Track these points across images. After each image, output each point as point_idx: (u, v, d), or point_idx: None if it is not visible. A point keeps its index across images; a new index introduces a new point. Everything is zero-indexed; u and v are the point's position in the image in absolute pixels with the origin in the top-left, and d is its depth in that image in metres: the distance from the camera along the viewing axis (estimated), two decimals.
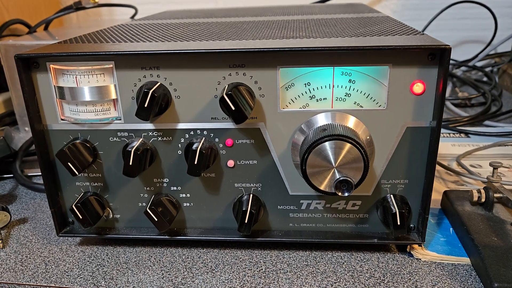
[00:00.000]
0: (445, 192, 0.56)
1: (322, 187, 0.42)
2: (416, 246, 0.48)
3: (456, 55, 1.20)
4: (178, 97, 0.45)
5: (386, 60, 0.42)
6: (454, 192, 0.55)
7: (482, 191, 0.51)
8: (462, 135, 0.80)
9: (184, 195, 0.49)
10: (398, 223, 0.44)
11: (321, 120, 0.44)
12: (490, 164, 0.53)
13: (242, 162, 0.47)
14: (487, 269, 0.42)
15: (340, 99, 0.44)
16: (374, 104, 0.44)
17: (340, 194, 0.41)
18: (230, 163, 0.47)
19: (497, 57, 1.18)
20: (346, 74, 0.43)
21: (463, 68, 1.13)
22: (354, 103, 0.44)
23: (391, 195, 0.46)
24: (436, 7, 1.15)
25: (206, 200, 0.49)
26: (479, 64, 1.16)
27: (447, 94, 0.98)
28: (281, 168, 0.47)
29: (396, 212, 0.44)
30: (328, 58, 0.42)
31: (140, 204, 0.50)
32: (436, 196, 0.58)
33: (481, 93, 0.95)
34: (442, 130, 0.81)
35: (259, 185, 0.48)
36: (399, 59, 0.41)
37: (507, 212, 0.50)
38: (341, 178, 0.40)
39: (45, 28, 1.06)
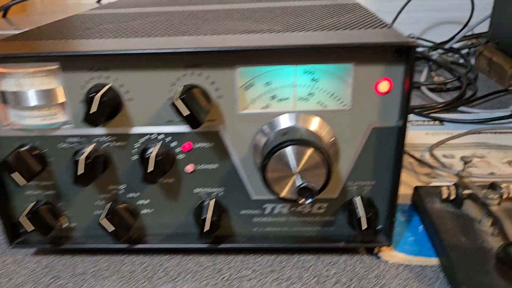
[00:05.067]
0: (415, 188, 0.54)
1: (283, 194, 0.39)
2: (384, 247, 0.47)
3: (433, 36, 1.18)
4: (131, 99, 0.42)
5: (350, 58, 0.39)
6: (424, 188, 0.54)
7: (452, 187, 0.50)
8: (437, 122, 0.78)
9: (142, 202, 0.46)
10: (364, 227, 0.43)
11: (284, 121, 0.42)
12: (461, 159, 0.51)
13: (202, 166, 0.44)
14: (455, 272, 0.41)
15: (303, 98, 0.41)
16: (338, 104, 0.41)
17: (301, 201, 0.39)
18: (189, 167, 0.44)
19: (474, 39, 1.16)
20: (308, 72, 0.41)
21: (440, 50, 1.11)
22: (318, 103, 0.41)
23: (358, 197, 0.44)
24: None
25: (166, 206, 0.47)
26: (456, 45, 1.14)
27: (422, 79, 0.96)
28: (242, 172, 0.44)
29: (361, 217, 0.42)
30: (289, 57, 0.40)
31: (95, 212, 0.47)
32: (407, 191, 0.56)
33: (457, 77, 0.94)
34: (416, 118, 0.80)
35: (221, 189, 0.45)
36: (363, 57, 0.39)
37: (477, 209, 0.49)
38: (303, 185, 0.38)
39: (4, 15, 1.00)
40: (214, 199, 0.45)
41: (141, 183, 0.43)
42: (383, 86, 0.40)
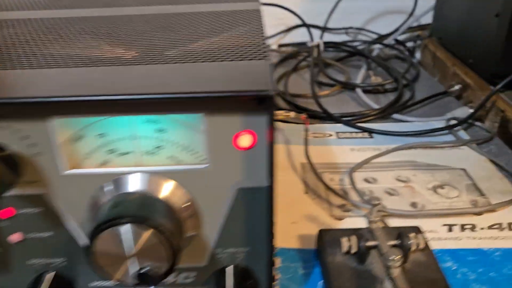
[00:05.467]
0: (320, 232, 0.47)
1: (118, 277, 0.31)
2: None
3: (377, 27, 1.09)
4: None
5: (199, 108, 0.30)
6: (329, 232, 0.46)
7: (353, 239, 0.42)
8: (366, 134, 0.71)
9: None
10: None
11: (124, 182, 0.33)
12: (368, 202, 0.44)
13: (33, 235, 0.35)
14: None
15: (150, 152, 0.32)
16: (194, 158, 0.32)
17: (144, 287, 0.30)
18: (16, 237, 0.35)
19: (420, 30, 1.08)
20: (152, 121, 0.32)
21: (380, 45, 1.02)
22: (169, 158, 0.33)
23: (230, 267, 0.36)
24: None
25: None
26: (401, 38, 1.06)
27: (358, 80, 0.88)
28: (84, 240, 0.35)
29: None
30: (123, 106, 0.30)
31: None
32: (315, 231, 0.49)
33: (394, 79, 0.86)
34: (344, 129, 0.72)
35: (62, 259, 0.36)
36: (216, 106, 0.30)
37: (382, 263, 0.42)
38: (141, 272, 0.30)
39: None
40: (53, 272, 0.36)
41: None
42: (244, 140, 0.31)
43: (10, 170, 0.30)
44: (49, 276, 0.36)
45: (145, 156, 0.33)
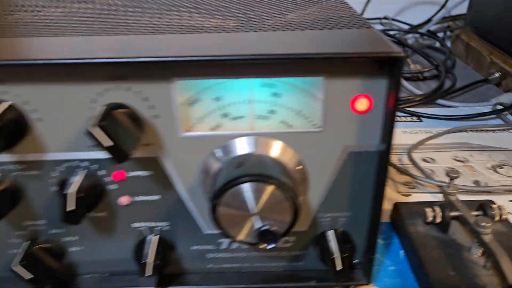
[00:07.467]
0: (395, 205, 0.48)
1: (241, 237, 0.32)
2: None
3: (409, 18, 1.10)
4: (40, 120, 0.32)
5: (320, 70, 0.31)
6: (406, 205, 0.47)
7: (437, 209, 0.43)
8: (414, 118, 0.72)
9: (70, 239, 0.38)
10: (338, 268, 0.35)
11: (239, 145, 0.33)
12: (447, 174, 0.45)
13: (141, 198, 0.36)
14: None
15: (263, 117, 0.33)
16: (306, 123, 0.33)
17: (263, 246, 0.31)
18: (124, 200, 0.36)
19: (450, 21, 1.09)
20: (268, 85, 0.32)
21: (416, 34, 1.03)
22: (281, 122, 0.33)
23: (331, 231, 0.37)
24: None
25: (100, 243, 0.38)
26: (432, 28, 1.07)
27: None
28: (190, 204, 0.36)
29: (335, 257, 0.35)
30: (242, 69, 0.31)
31: (11, 252, 0.38)
32: (384, 205, 0.49)
33: (434, 66, 0.87)
34: None
35: (166, 224, 0.37)
36: (337, 69, 0.31)
37: (465, 232, 0.43)
38: (263, 228, 0.31)
39: None
40: (157, 235, 0.37)
41: (61, 223, 0.34)
42: (362, 104, 0.32)
43: (137, 126, 0.31)
44: (154, 239, 0.37)
45: (257, 120, 0.33)
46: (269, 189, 0.30)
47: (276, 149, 0.33)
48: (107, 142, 0.28)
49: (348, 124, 0.33)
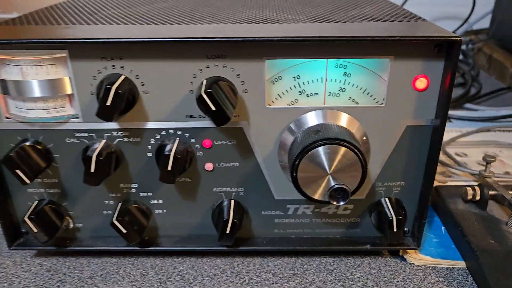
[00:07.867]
0: (436, 188, 0.53)
1: (315, 196, 0.37)
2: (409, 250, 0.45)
3: None
4: (147, 92, 0.38)
5: (388, 52, 0.37)
6: (445, 188, 0.52)
7: (477, 188, 0.48)
8: None
9: (156, 202, 0.43)
10: (395, 230, 0.40)
11: (312, 119, 0.39)
12: (484, 159, 0.50)
13: (222, 165, 0.41)
14: (486, 277, 0.40)
15: (334, 94, 0.39)
16: (371, 100, 0.39)
17: (334, 203, 0.36)
18: (209, 166, 0.41)
19: (473, 35, 1.15)
20: (341, 66, 0.38)
21: None
22: (349, 99, 0.39)
23: (386, 199, 0.42)
24: None
25: (182, 207, 0.43)
26: None
27: None
28: (266, 171, 0.41)
29: (393, 219, 0.40)
30: (321, 49, 0.37)
31: (105, 212, 0.44)
32: None
33: (461, 74, 0.92)
34: None
35: (241, 189, 0.42)
36: (403, 51, 0.36)
37: (502, 210, 0.48)
38: (336, 186, 0.36)
39: None
40: (234, 200, 0.42)
41: (157, 179, 0.39)
42: (421, 83, 0.37)
43: (234, 96, 0.37)
44: (232, 203, 0.42)
45: (328, 97, 0.39)
46: (343, 151, 0.35)
47: (345, 121, 0.39)
48: (213, 106, 0.34)
49: (408, 101, 0.38)
